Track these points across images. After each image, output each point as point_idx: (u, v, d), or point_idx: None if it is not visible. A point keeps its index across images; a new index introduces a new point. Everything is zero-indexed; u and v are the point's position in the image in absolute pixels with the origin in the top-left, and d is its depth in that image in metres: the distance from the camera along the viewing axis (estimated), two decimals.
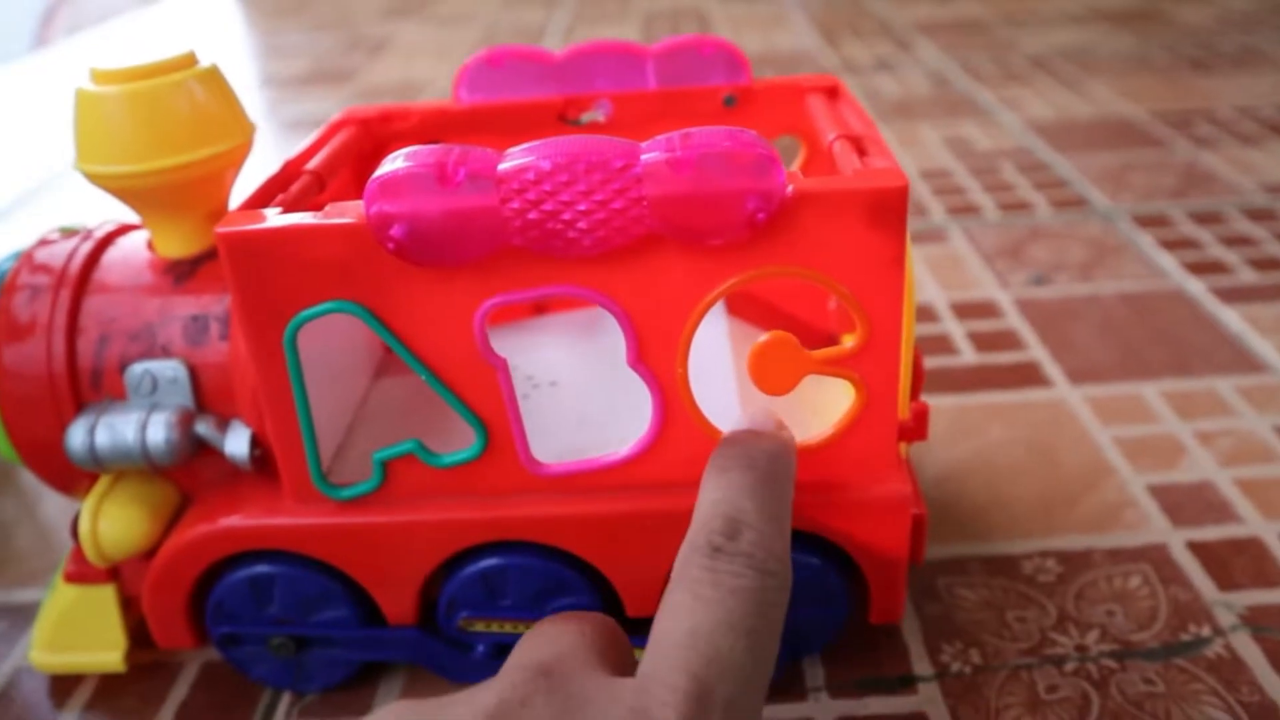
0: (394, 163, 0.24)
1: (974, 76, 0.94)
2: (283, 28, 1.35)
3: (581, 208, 0.24)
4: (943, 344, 0.50)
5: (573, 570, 0.29)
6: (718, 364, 0.33)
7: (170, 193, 0.30)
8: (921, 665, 0.32)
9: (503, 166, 0.23)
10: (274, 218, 0.26)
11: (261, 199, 0.28)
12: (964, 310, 0.53)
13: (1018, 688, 0.31)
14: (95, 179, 0.30)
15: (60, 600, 0.33)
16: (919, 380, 0.35)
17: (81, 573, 0.32)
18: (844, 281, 0.25)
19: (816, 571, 0.29)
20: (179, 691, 0.33)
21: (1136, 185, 0.67)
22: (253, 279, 0.26)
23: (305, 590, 0.30)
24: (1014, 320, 0.52)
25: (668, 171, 0.23)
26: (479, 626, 0.30)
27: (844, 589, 0.30)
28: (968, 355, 0.49)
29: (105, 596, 0.33)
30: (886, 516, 0.28)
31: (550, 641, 0.22)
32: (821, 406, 0.31)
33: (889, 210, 0.24)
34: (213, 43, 1.29)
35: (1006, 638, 0.33)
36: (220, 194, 0.32)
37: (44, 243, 0.33)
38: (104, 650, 0.33)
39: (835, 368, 0.26)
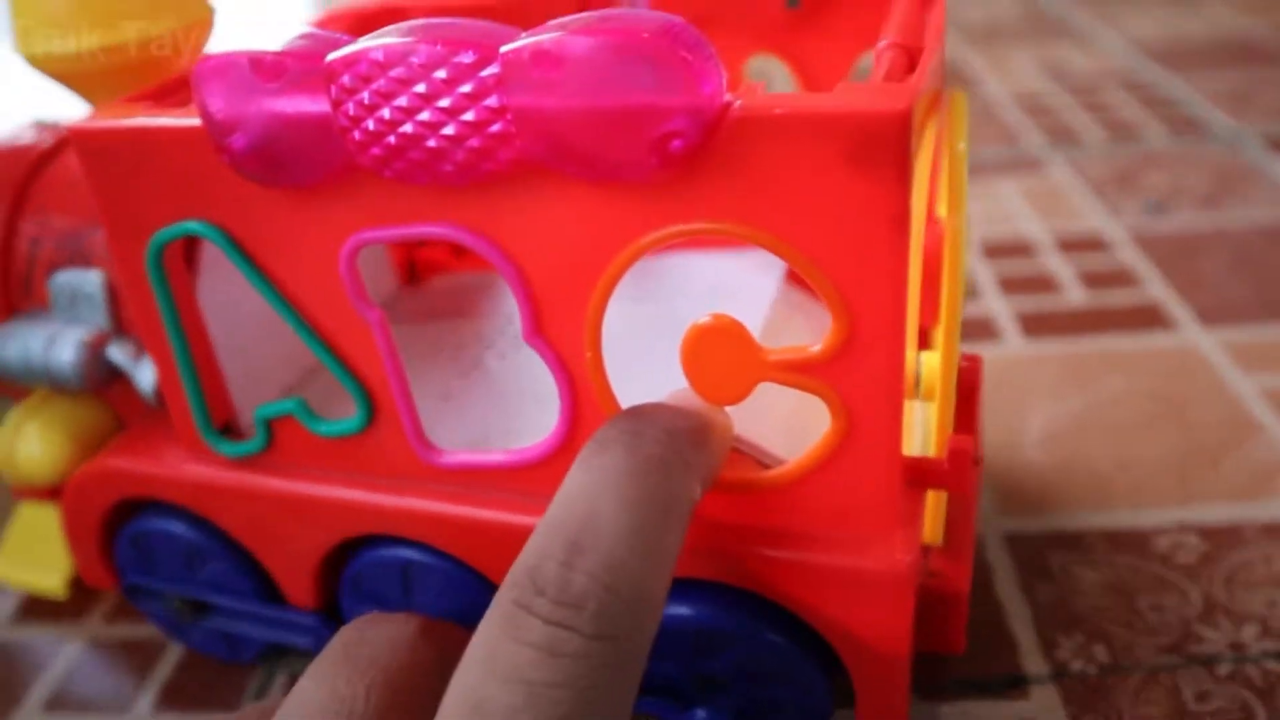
0: (229, 46, 0.18)
1: None
2: None
3: (425, 117, 0.17)
4: (1046, 283, 0.43)
5: (468, 579, 0.24)
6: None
7: (115, 77, 0.25)
8: (1034, 662, 0.26)
9: (331, 57, 0.17)
10: (139, 114, 0.21)
11: (169, 90, 0.23)
12: (1069, 244, 0.46)
13: (1158, 694, 0.25)
14: (34, 62, 0.26)
15: (19, 515, 0.31)
16: (968, 403, 0.26)
17: (26, 490, 0.30)
18: (813, 251, 0.18)
19: (780, 653, 0.21)
20: (162, 670, 0.29)
21: (1264, 105, 0.59)
22: (109, 186, 0.21)
23: (188, 549, 0.26)
24: (1128, 254, 0.45)
25: (534, 73, 0.16)
26: None
27: (822, 682, 0.22)
28: (1075, 294, 0.42)
29: (50, 518, 0.30)
30: (876, 597, 0.20)
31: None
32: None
33: (881, 145, 0.16)
34: None
35: (1140, 630, 0.27)
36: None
37: (6, 138, 0.30)
38: (48, 572, 0.30)
39: (798, 377, 0.19)
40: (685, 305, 0.25)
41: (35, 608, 0.31)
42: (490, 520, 0.22)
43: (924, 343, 0.25)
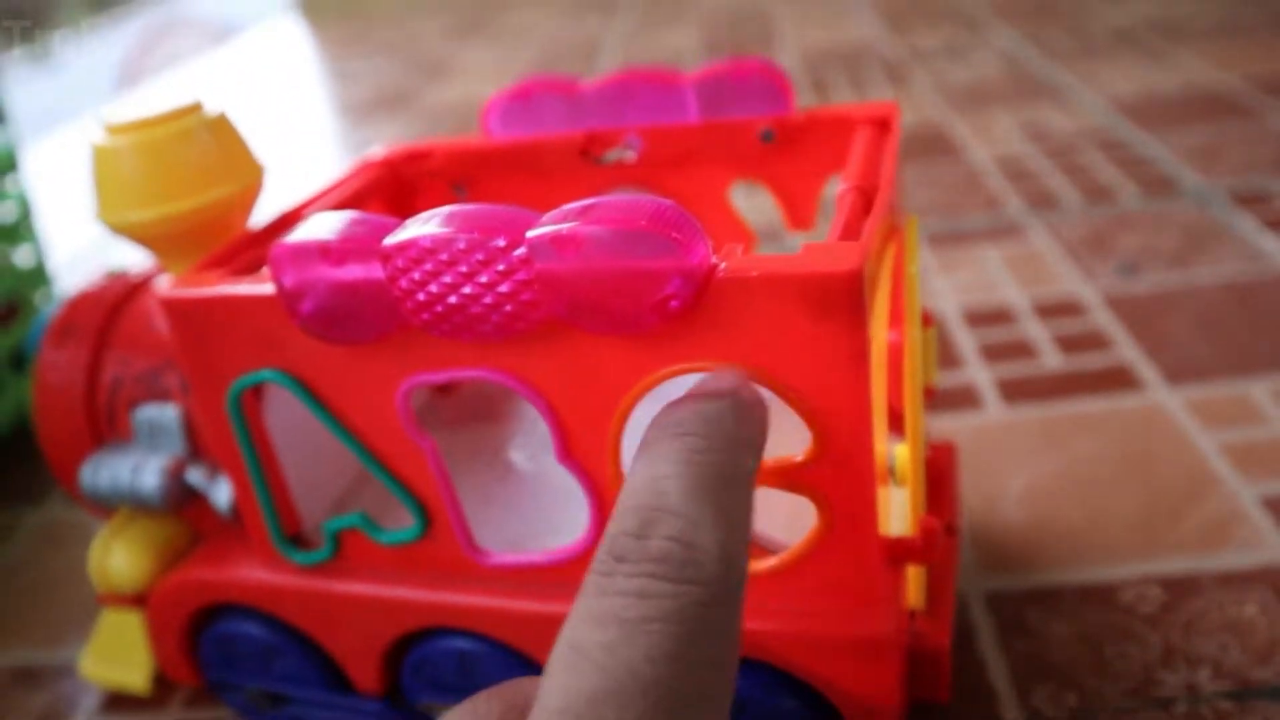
0: (300, 231, 0.22)
1: (1050, 55, 0.89)
2: (351, 54, 1.37)
3: (468, 290, 0.21)
4: (1023, 349, 0.46)
5: (523, 666, 0.27)
6: None
7: (181, 238, 0.29)
8: (1011, 710, 0.29)
9: (387, 242, 0.21)
10: (216, 282, 0.25)
11: (232, 253, 0.27)
12: (1045, 310, 0.49)
13: None
14: (113, 228, 0.29)
15: (104, 620, 0.35)
16: (941, 489, 0.31)
17: (108, 598, 0.33)
18: (790, 381, 0.21)
19: (792, 716, 0.25)
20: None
21: (1232, 160, 0.63)
22: (194, 343, 0.26)
23: (267, 646, 0.30)
24: (1101, 317, 0.48)
25: (554, 250, 0.20)
26: (440, 710, 0.29)
27: None
28: (1051, 359, 0.45)
29: (132, 622, 0.34)
30: (866, 659, 0.24)
31: None
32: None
33: (837, 299, 0.20)
34: (285, 73, 1.30)
35: (1106, 677, 0.30)
36: (231, 236, 0.31)
37: (86, 287, 0.34)
38: (132, 670, 0.34)
39: (786, 480, 0.22)
40: None
41: (118, 702, 0.35)
42: (534, 611, 0.26)
43: (901, 425, 0.28)
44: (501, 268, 0.20)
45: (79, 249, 0.79)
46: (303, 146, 0.97)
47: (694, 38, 1.15)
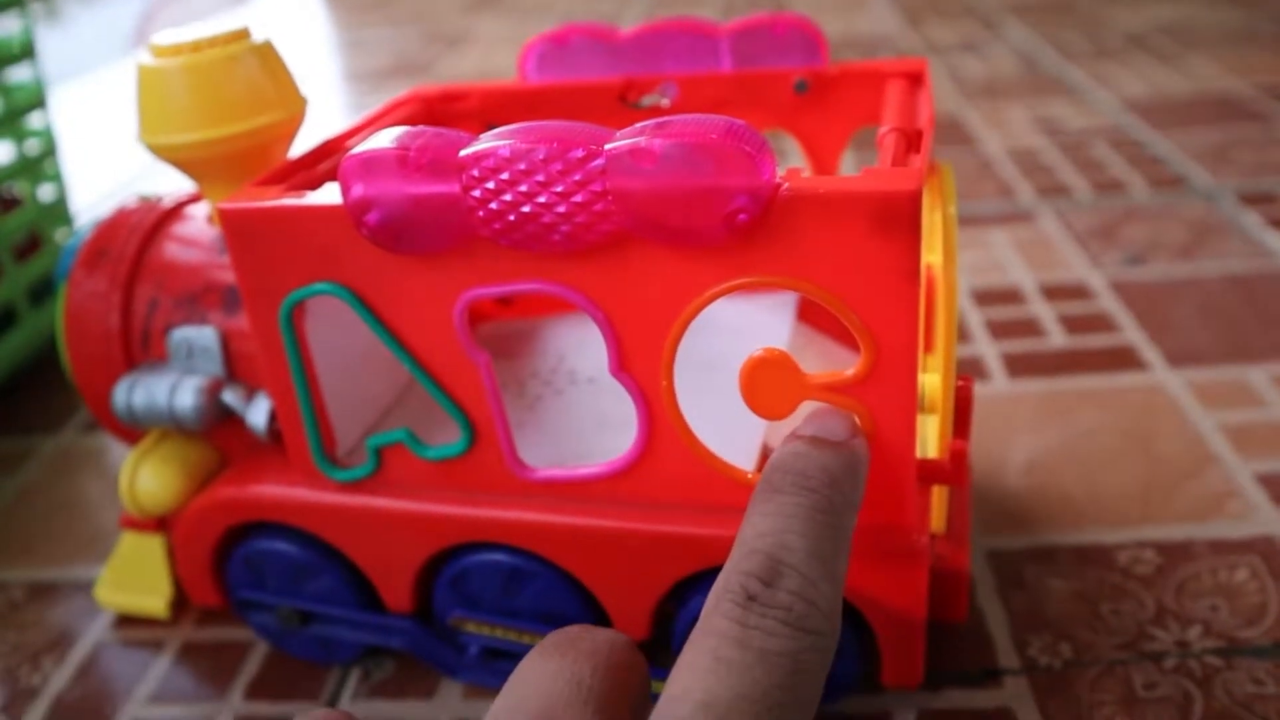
0: (370, 143, 0.23)
1: (1065, 55, 0.90)
2: (366, 23, 1.37)
3: (542, 199, 0.22)
4: (1030, 327, 0.47)
5: (564, 583, 0.28)
6: None
7: (223, 163, 0.30)
8: (1008, 658, 0.30)
9: (464, 152, 0.22)
10: (274, 196, 0.25)
11: (284, 174, 0.28)
12: (1053, 292, 0.50)
13: (1112, 684, 0.29)
14: (155, 150, 0.30)
15: (122, 545, 0.35)
16: (964, 415, 0.32)
17: (131, 521, 0.34)
18: (846, 297, 0.22)
19: None
20: (249, 667, 0.33)
21: (1241, 162, 0.64)
22: (249, 256, 0.26)
23: (298, 565, 0.31)
24: (1107, 302, 0.49)
25: (631, 163, 0.21)
26: (470, 627, 0.30)
27: (854, 645, 0.27)
28: (1057, 338, 0.46)
29: (154, 546, 0.35)
30: (897, 571, 0.25)
31: (540, 688, 0.19)
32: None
33: (897, 217, 0.21)
34: (298, 39, 1.31)
35: (1100, 631, 0.31)
36: (272, 165, 0.32)
37: (119, 211, 0.35)
38: (151, 595, 0.35)
39: (837, 395, 0.23)
40: (717, 342, 0.29)
41: (131, 621, 0.36)
42: (576, 525, 0.27)
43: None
44: (578, 178, 0.21)
45: (94, 196, 0.79)
46: (314, 112, 0.97)
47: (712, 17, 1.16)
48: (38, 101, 0.54)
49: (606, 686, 0.19)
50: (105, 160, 0.88)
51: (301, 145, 0.30)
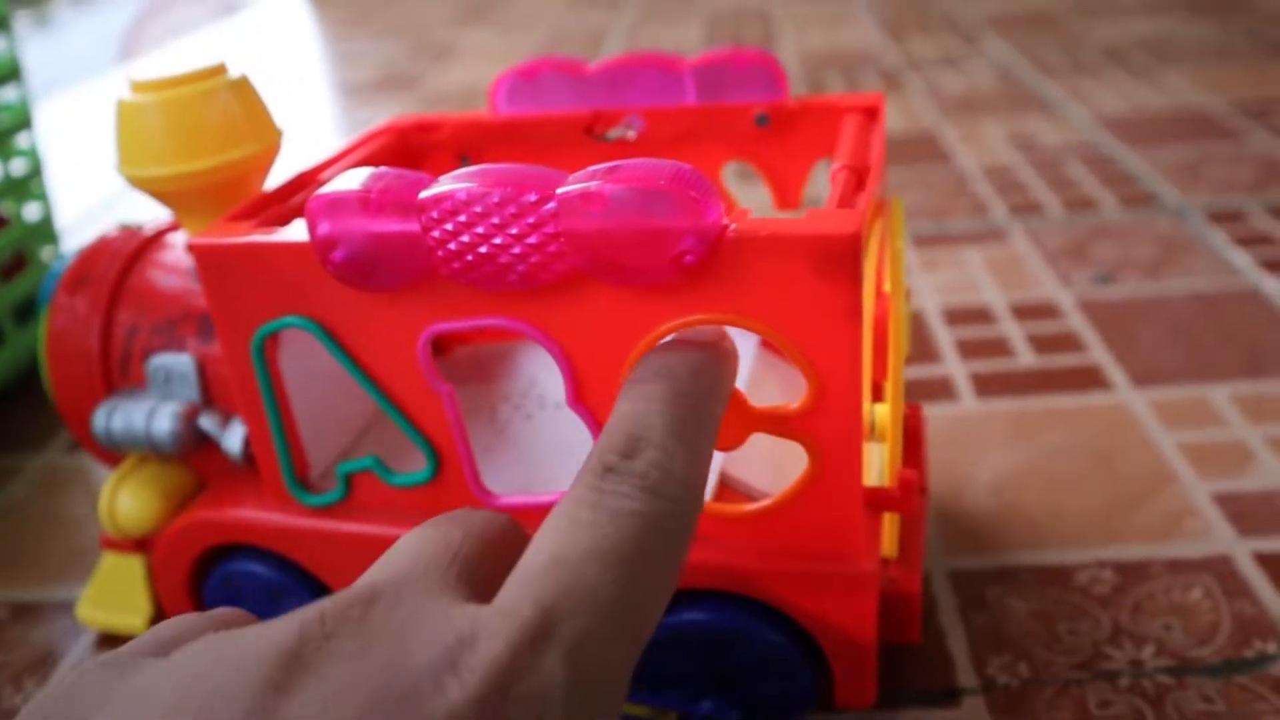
0: (336, 183, 0.24)
1: (1042, 70, 0.91)
2: (354, 35, 1.38)
3: (498, 240, 0.23)
4: (1000, 346, 0.48)
5: None
6: None
7: (199, 195, 0.30)
8: (967, 677, 0.31)
9: (424, 194, 0.23)
10: (245, 232, 0.26)
11: (257, 209, 0.29)
12: (1023, 311, 0.51)
13: (1067, 703, 0.30)
14: (133, 181, 0.31)
15: (102, 565, 0.36)
16: (913, 443, 0.33)
17: (111, 542, 0.35)
18: (791, 334, 0.23)
19: (776, 648, 0.27)
20: None
21: (1211, 179, 0.65)
22: (221, 290, 0.27)
23: (274, 586, 0.31)
24: (1075, 321, 0.50)
25: (582, 206, 0.22)
26: None
27: (807, 668, 0.28)
28: (1026, 357, 0.47)
29: (134, 566, 0.36)
30: (846, 596, 0.26)
31: (403, 555, 0.19)
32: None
33: (838, 259, 0.22)
34: (287, 51, 1.31)
35: (1057, 650, 0.31)
36: (248, 196, 0.32)
37: (101, 239, 0.35)
38: (131, 614, 0.35)
39: (781, 427, 0.24)
40: None
41: (112, 639, 0.36)
42: None
43: (878, 394, 0.30)
44: (531, 221, 0.22)
45: (79, 212, 0.80)
46: (302, 124, 0.98)
47: (696, 35, 1.17)
48: (24, 122, 0.54)
49: (477, 552, 0.20)
50: (90, 177, 0.88)
51: (280, 172, 0.31)
